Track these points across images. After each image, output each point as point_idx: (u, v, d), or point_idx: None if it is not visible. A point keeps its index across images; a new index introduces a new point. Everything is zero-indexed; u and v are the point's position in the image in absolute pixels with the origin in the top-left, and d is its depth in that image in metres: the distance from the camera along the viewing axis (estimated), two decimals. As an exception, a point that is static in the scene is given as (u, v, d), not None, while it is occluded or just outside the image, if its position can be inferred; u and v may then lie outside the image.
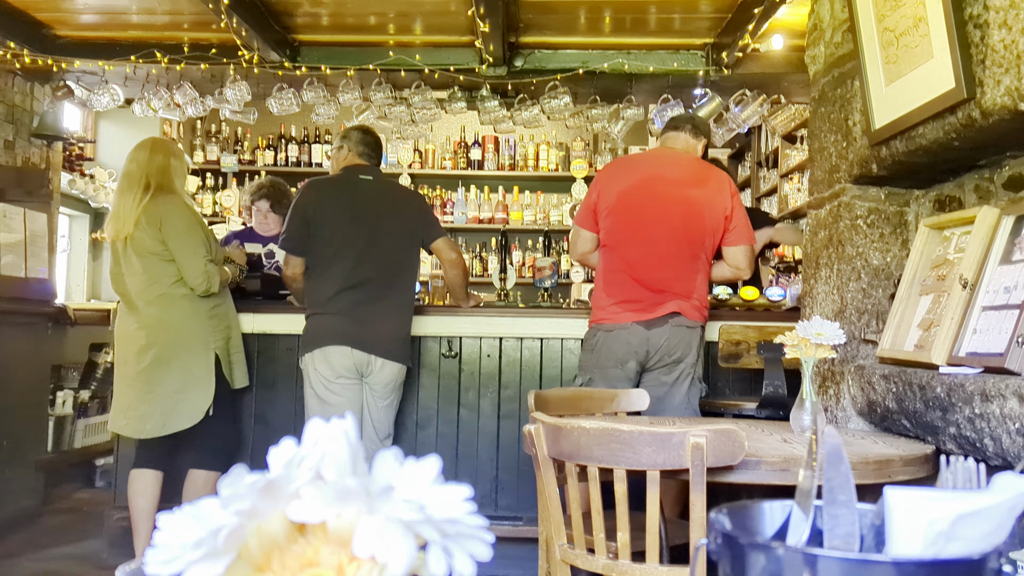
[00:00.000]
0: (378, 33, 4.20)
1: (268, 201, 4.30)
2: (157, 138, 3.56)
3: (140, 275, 3.30)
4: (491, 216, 7.10)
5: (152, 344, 3.28)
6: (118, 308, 3.49)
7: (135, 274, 3.31)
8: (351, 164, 3.50)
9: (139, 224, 3.26)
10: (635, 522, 1.58)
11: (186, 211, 3.36)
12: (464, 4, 3.68)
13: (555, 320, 3.84)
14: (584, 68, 4.16)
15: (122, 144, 6.38)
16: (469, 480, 3.38)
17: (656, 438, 1.49)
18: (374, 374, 3.34)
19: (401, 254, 3.44)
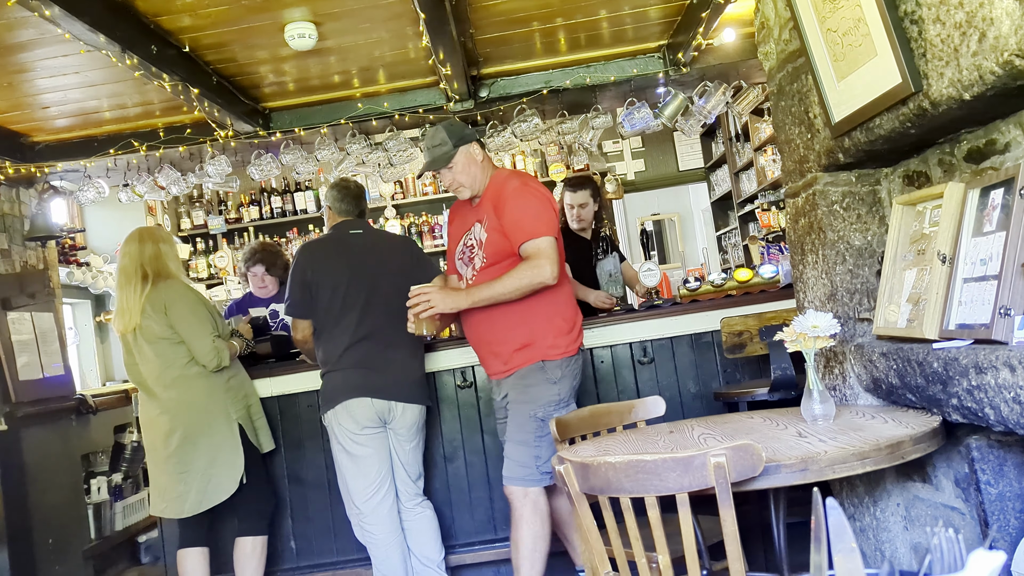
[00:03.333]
0: (344, 88, 4.30)
1: (263, 265, 4.40)
2: (143, 228, 3.67)
3: (154, 361, 3.40)
4: (480, 234, 7.22)
5: (176, 427, 3.38)
6: (138, 396, 3.58)
7: (148, 361, 3.41)
8: (339, 221, 3.61)
9: (145, 313, 3.36)
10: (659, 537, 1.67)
11: (188, 292, 3.47)
12: (424, 51, 3.77)
13: (561, 335, 3.92)
14: (548, 88, 4.25)
15: (110, 227, 6.49)
16: (504, 503, 3.48)
17: (679, 463, 1.58)
18: (397, 419, 3.43)
19: (403, 299, 3.52)
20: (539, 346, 2.94)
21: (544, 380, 2.93)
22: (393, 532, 3.42)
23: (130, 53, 3.15)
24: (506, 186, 2.93)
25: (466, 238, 3.06)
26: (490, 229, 2.92)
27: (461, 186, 2.97)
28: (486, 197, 2.98)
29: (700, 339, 3.88)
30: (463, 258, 3.07)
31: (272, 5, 3.23)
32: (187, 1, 3.11)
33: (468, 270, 3.02)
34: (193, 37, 3.45)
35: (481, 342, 3.06)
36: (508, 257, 2.89)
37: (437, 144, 2.95)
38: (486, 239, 2.93)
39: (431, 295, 2.83)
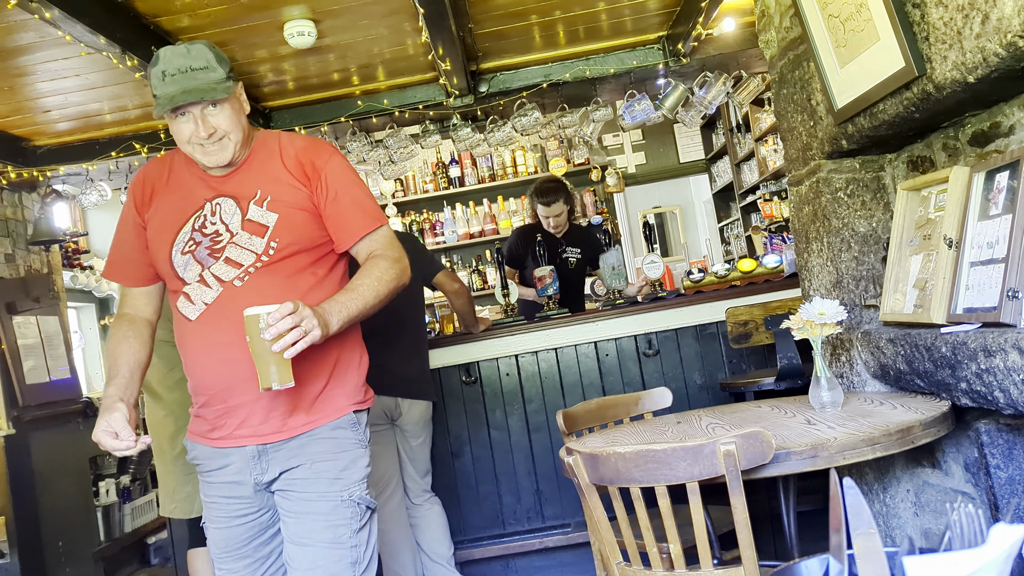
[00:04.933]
0: (344, 86, 4.30)
1: None
2: None
3: (156, 364, 3.39)
4: (481, 229, 7.21)
5: (181, 428, 3.36)
6: (144, 398, 3.58)
7: (152, 365, 3.40)
8: None
9: None
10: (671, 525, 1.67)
11: None
12: (423, 47, 3.77)
13: (565, 329, 3.93)
14: (547, 81, 4.25)
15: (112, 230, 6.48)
16: (512, 497, 3.48)
17: (689, 452, 1.58)
18: (403, 416, 3.43)
19: (406, 297, 3.50)
20: (347, 387, 1.99)
21: (355, 442, 1.98)
22: (402, 529, 3.43)
23: (130, 54, 3.15)
24: (315, 151, 2.00)
25: (196, 221, 1.95)
26: (283, 206, 1.93)
27: (223, 138, 1.90)
28: (257, 161, 1.98)
29: (705, 330, 3.88)
30: (193, 251, 1.94)
31: (271, 4, 3.23)
32: (186, 1, 3.12)
33: (219, 267, 1.92)
34: (192, 37, 3.45)
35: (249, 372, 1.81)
36: (310, 248, 1.96)
37: (202, 67, 1.87)
38: (276, 221, 1.91)
39: (303, 320, 1.69)
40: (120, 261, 2.07)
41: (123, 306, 2.09)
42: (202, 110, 1.86)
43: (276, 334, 1.66)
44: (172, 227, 1.97)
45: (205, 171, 1.98)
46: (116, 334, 2.03)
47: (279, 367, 1.70)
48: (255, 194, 1.95)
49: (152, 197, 2.01)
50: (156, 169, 2.06)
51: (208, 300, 1.92)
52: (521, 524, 3.92)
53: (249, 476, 1.96)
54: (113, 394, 1.89)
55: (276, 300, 1.74)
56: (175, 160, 2.03)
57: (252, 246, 1.92)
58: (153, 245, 2.00)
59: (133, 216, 2.04)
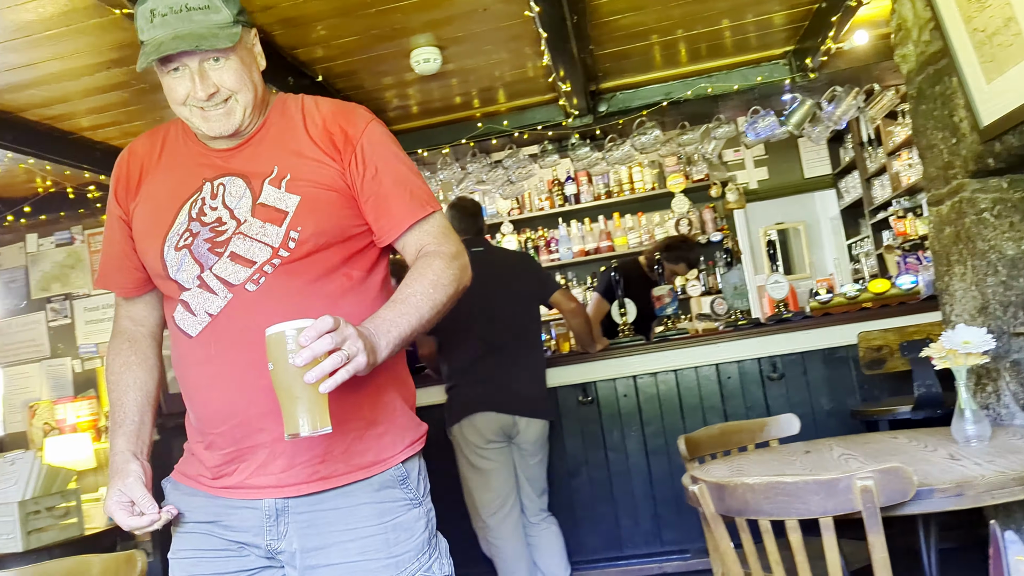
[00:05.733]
0: (465, 109, 4.40)
1: (393, 279, 4.53)
2: None
3: None
4: (596, 246, 7.19)
5: None
6: None
7: None
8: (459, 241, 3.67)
9: None
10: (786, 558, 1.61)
11: None
12: (543, 70, 3.82)
13: (685, 351, 3.87)
14: (668, 100, 4.22)
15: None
16: (629, 520, 3.44)
17: (822, 486, 1.52)
18: (521, 434, 3.45)
19: (524, 316, 3.57)
20: (395, 425, 1.52)
21: (407, 502, 1.50)
22: (519, 547, 3.44)
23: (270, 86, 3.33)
24: (348, 117, 1.54)
25: (193, 207, 1.49)
26: (306, 186, 1.47)
27: (229, 99, 1.44)
28: (274, 130, 1.53)
29: (834, 354, 3.73)
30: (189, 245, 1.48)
31: (399, 33, 3.35)
32: (321, 33, 3.28)
33: (223, 266, 1.46)
34: (326, 67, 3.63)
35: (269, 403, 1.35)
36: (342, 240, 1.50)
37: (202, 6, 1.42)
38: (298, 205, 1.45)
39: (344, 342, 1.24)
40: (108, 266, 1.60)
41: (119, 320, 1.64)
42: (200, 63, 1.39)
43: (310, 359, 1.20)
44: (163, 218, 1.49)
45: (206, 144, 1.52)
46: (116, 361, 1.57)
47: (312, 405, 1.24)
48: (270, 171, 1.47)
49: (140, 182, 1.55)
50: (144, 146, 1.58)
51: (212, 310, 1.44)
52: (639, 548, 3.87)
53: (261, 540, 1.44)
54: (123, 448, 1.48)
55: (303, 311, 1.31)
56: (171, 131, 1.57)
57: (266, 237, 1.44)
58: (141, 242, 1.52)
59: (114, 208, 1.57)
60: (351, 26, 3.28)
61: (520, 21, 3.33)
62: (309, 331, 1.21)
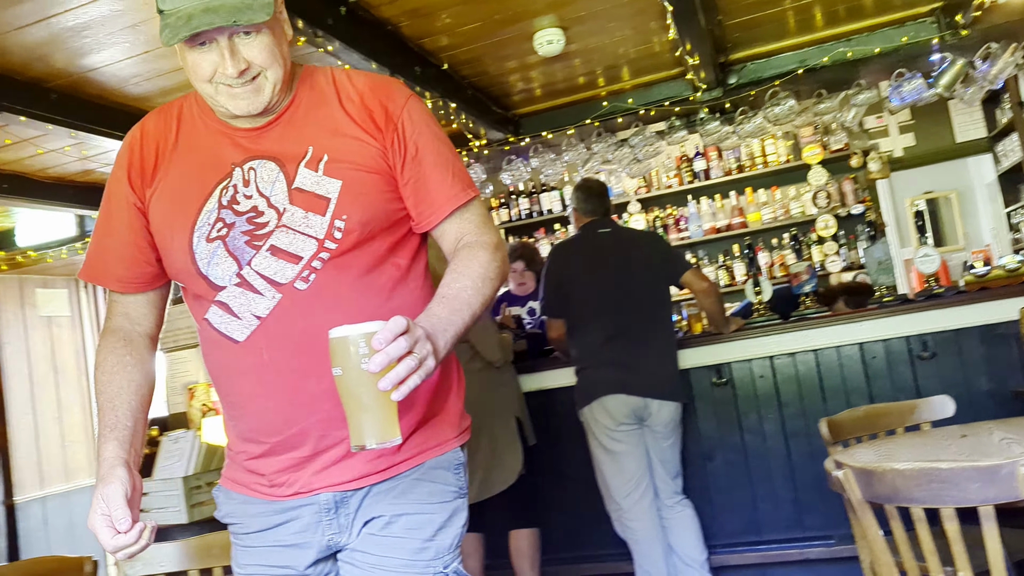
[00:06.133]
0: (590, 89, 4.37)
1: (522, 261, 4.56)
2: None
3: (459, 347, 3.57)
4: (728, 223, 6.98)
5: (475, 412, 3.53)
6: None
7: None
8: (586, 222, 3.66)
9: None
10: (976, 560, 1.51)
11: None
12: (669, 44, 3.73)
13: (826, 329, 3.70)
14: (803, 67, 4.02)
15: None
16: (768, 505, 3.34)
17: (982, 473, 1.42)
18: (653, 416, 3.42)
19: (654, 296, 3.52)
20: (450, 414, 1.48)
21: (456, 490, 1.45)
22: (654, 529, 3.42)
23: (398, 76, 3.43)
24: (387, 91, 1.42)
25: (224, 195, 1.37)
26: (348, 168, 1.36)
27: (258, 76, 1.32)
28: (304, 107, 1.41)
29: (993, 331, 3.46)
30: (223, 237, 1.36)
31: (522, 16, 3.36)
32: (446, 22, 3.33)
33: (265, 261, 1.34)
34: (451, 55, 3.69)
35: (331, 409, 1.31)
36: (388, 226, 1.40)
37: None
38: (341, 190, 1.34)
39: (416, 344, 1.15)
40: (105, 256, 1.45)
41: (112, 317, 1.47)
42: (230, 37, 1.27)
43: (386, 364, 1.10)
44: (189, 206, 1.37)
45: (229, 123, 1.39)
46: (108, 360, 1.42)
47: (382, 414, 1.15)
48: (305, 152, 1.36)
49: (156, 165, 1.41)
50: (157, 124, 1.44)
51: (260, 312, 1.33)
52: (778, 533, 3.75)
53: (320, 536, 1.39)
54: (112, 455, 1.31)
55: (359, 308, 1.29)
56: (184, 110, 1.44)
57: (309, 228, 1.33)
58: (162, 234, 1.39)
59: (126, 193, 1.41)
60: (474, 13, 3.31)
61: (644, -5, 3.27)
62: (383, 333, 1.11)
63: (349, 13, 3.08)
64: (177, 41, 1.24)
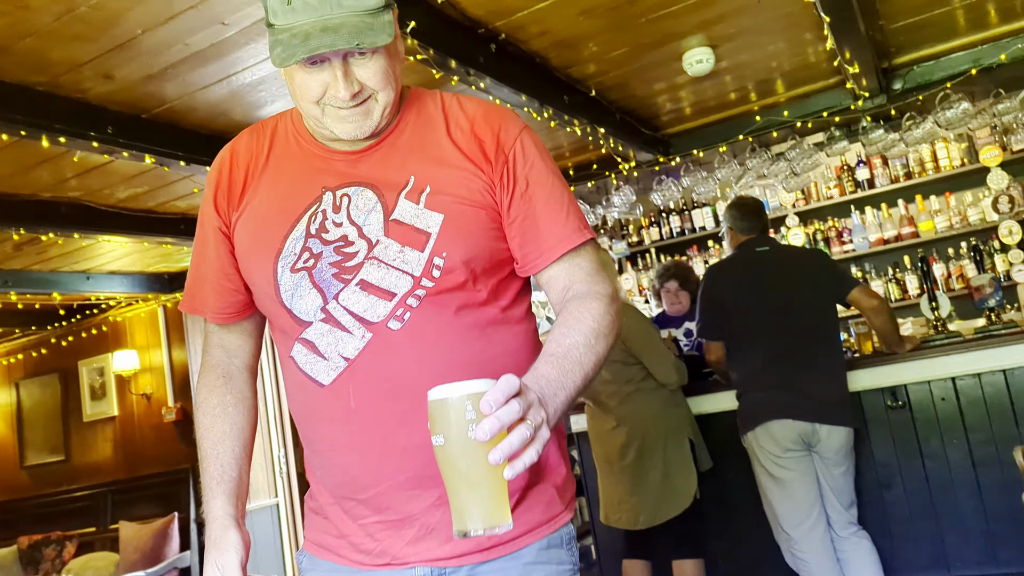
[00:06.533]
0: (741, 104, 4.27)
1: (676, 280, 4.47)
2: None
3: (608, 381, 3.57)
4: (896, 233, 6.55)
5: (633, 439, 3.47)
6: (587, 409, 3.72)
7: (603, 380, 3.55)
8: (743, 240, 3.55)
9: None
10: None
11: (639, 316, 3.54)
12: (825, 54, 3.59)
13: (1016, 347, 3.40)
14: (976, 67, 3.75)
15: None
16: (957, 537, 3.10)
17: None
18: (822, 442, 3.26)
19: (818, 316, 3.37)
20: (558, 480, 1.32)
21: (571, 567, 1.31)
22: (828, 561, 3.25)
23: (547, 106, 3.49)
24: (499, 121, 1.29)
25: (312, 222, 1.26)
26: (451, 201, 1.24)
27: (369, 99, 1.21)
28: (409, 131, 1.29)
29: None
30: (309, 268, 1.26)
31: (669, 39, 3.34)
32: (593, 50, 3.36)
33: (353, 296, 1.23)
34: (598, 81, 3.71)
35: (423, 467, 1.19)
36: (490, 267, 1.27)
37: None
38: (442, 224, 1.22)
39: (529, 410, 0.98)
40: (202, 285, 1.36)
41: (210, 351, 1.41)
42: (345, 58, 1.16)
43: (497, 432, 0.93)
44: (274, 232, 1.26)
45: (327, 145, 1.29)
46: (209, 401, 1.36)
47: (491, 492, 0.96)
48: (406, 181, 1.25)
49: (244, 188, 1.32)
50: (249, 144, 1.35)
51: (348, 353, 1.22)
52: (969, 567, 3.46)
53: None
54: (222, 513, 1.27)
55: (457, 352, 1.19)
56: (279, 128, 1.35)
57: (404, 264, 1.21)
58: (247, 261, 1.30)
59: (212, 217, 1.33)
60: (621, 39, 3.32)
61: (797, 8, 3.16)
62: (493, 394, 0.94)
63: (499, 49, 3.17)
64: (292, 63, 1.13)
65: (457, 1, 2.86)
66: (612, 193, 4.85)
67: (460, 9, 2.92)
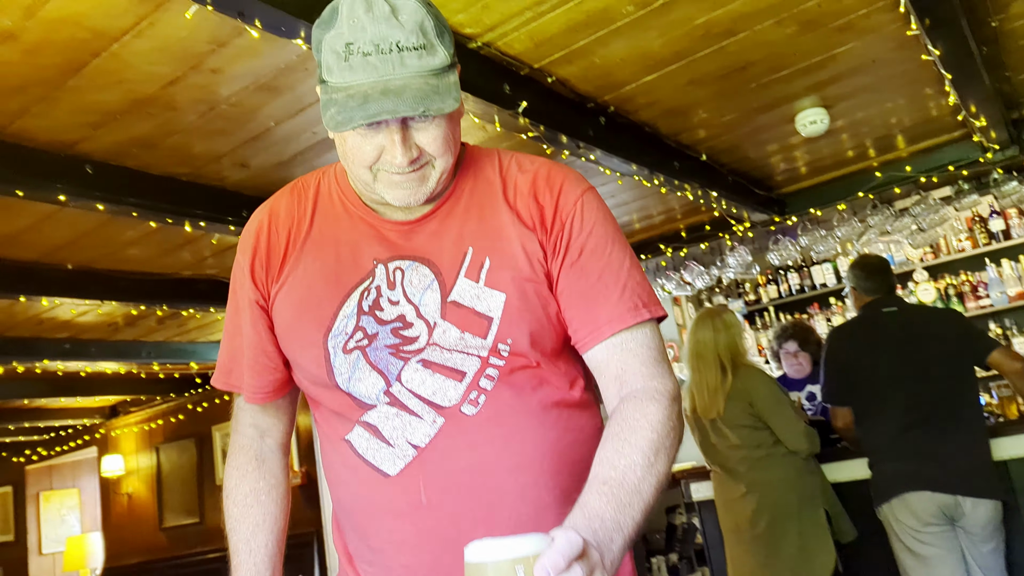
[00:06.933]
0: (859, 161, 4.17)
1: (795, 341, 4.31)
2: (713, 312, 3.56)
3: (737, 446, 3.45)
4: (1038, 286, 6.16)
5: (764, 508, 3.32)
6: (715, 475, 3.58)
7: (731, 445, 3.41)
8: (868, 301, 3.42)
9: (727, 401, 3.45)
10: None
11: (768, 380, 3.43)
12: (949, 108, 3.48)
13: None
14: (1116, 111, 3.53)
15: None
16: None
17: None
18: (967, 516, 3.05)
19: (955, 379, 3.18)
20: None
21: None
22: (978, 649, 3.01)
23: (657, 173, 3.51)
24: (561, 181, 1.17)
25: (365, 298, 1.15)
26: (513, 280, 1.13)
27: (427, 164, 1.09)
28: (466, 198, 1.18)
29: None
30: (363, 347, 1.14)
31: (781, 102, 3.32)
32: (703, 116, 3.37)
33: (417, 375, 1.13)
34: (709, 146, 3.71)
35: None
36: (554, 348, 1.16)
37: (416, 45, 1.02)
38: (505, 306, 1.12)
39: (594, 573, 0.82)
40: (236, 363, 1.24)
41: (241, 430, 1.28)
42: (404, 121, 1.04)
43: None
44: (323, 309, 1.14)
45: (376, 211, 1.16)
46: (240, 487, 1.24)
47: None
48: (463, 255, 1.13)
49: (286, 256, 1.18)
50: (290, 205, 1.21)
51: (418, 440, 1.10)
52: None
53: None
54: None
55: (535, 443, 1.09)
56: (322, 189, 1.21)
57: (468, 347, 1.11)
58: (290, 338, 1.17)
59: (248, 289, 1.20)
60: (732, 104, 3.32)
61: (915, 66, 3.08)
62: (553, 558, 0.77)
63: (608, 121, 3.23)
64: (350, 129, 1.00)
65: (567, 79, 2.94)
66: (727, 254, 4.79)
67: (570, 86, 3.00)
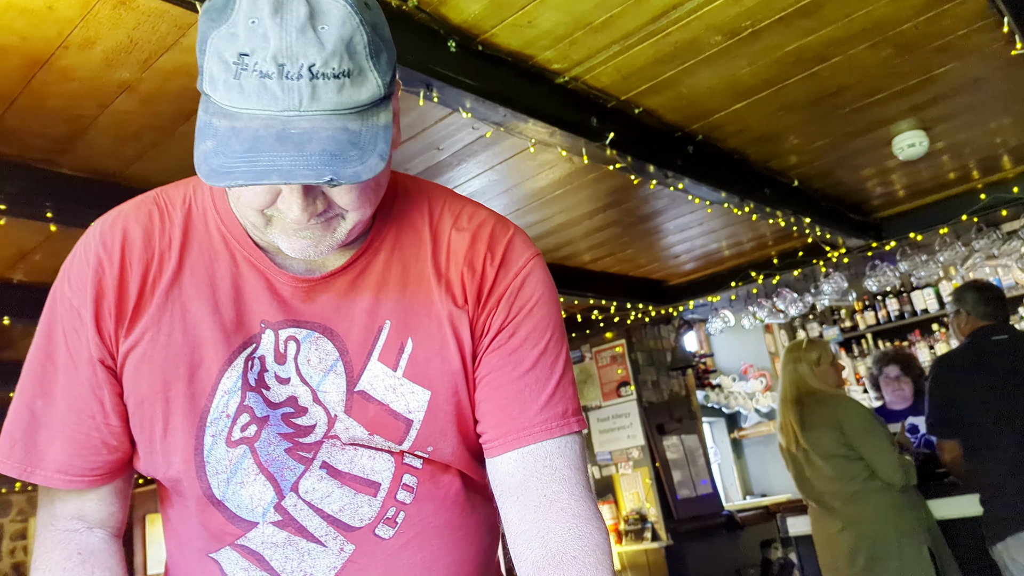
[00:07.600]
0: (961, 183, 4.01)
1: (897, 365, 4.10)
2: (795, 346, 3.48)
3: (831, 478, 3.32)
4: None
5: (860, 545, 3.20)
6: (812, 511, 3.47)
7: (824, 478, 3.31)
8: (977, 328, 3.25)
9: (814, 430, 3.32)
10: None
11: (859, 407, 3.33)
12: (1059, 127, 3.31)
13: None
14: None
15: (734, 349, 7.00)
16: None
17: None
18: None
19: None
20: None
21: None
22: None
23: (747, 201, 3.45)
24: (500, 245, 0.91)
25: (250, 369, 0.86)
26: (441, 372, 0.88)
27: (336, 216, 0.80)
28: (387, 252, 0.90)
29: None
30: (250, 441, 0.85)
31: (876, 126, 3.23)
32: (794, 143, 3.31)
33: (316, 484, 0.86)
34: (801, 172, 3.64)
35: None
36: (475, 455, 0.93)
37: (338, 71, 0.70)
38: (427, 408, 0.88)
39: None
40: (36, 438, 0.87)
41: (58, 521, 0.89)
42: None
43: None
44: (198, 377, 0.85)
45: (267, 254, 0.88)
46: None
47: None
48: (377, 331, 0.88)
49: (140, 300, 0.86)
50: (148, 233, 0.88)
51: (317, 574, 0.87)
52: None
53: None
54: None
55: (468, 554, 0.91)
56: (194, 214, 0.90)
57: (377, 445, 0.88)
58: (145, 420, 0.86)
59: (90, 342, 0.85)
60: (824, 129, 3.25)
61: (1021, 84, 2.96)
62: None
63: (696, 150, 3.20)
64: (224, 185, 0.70)
65: (654, 109, 2.93)
66: (821, 280, 4.66)
67: (657, 116, 2.99)
